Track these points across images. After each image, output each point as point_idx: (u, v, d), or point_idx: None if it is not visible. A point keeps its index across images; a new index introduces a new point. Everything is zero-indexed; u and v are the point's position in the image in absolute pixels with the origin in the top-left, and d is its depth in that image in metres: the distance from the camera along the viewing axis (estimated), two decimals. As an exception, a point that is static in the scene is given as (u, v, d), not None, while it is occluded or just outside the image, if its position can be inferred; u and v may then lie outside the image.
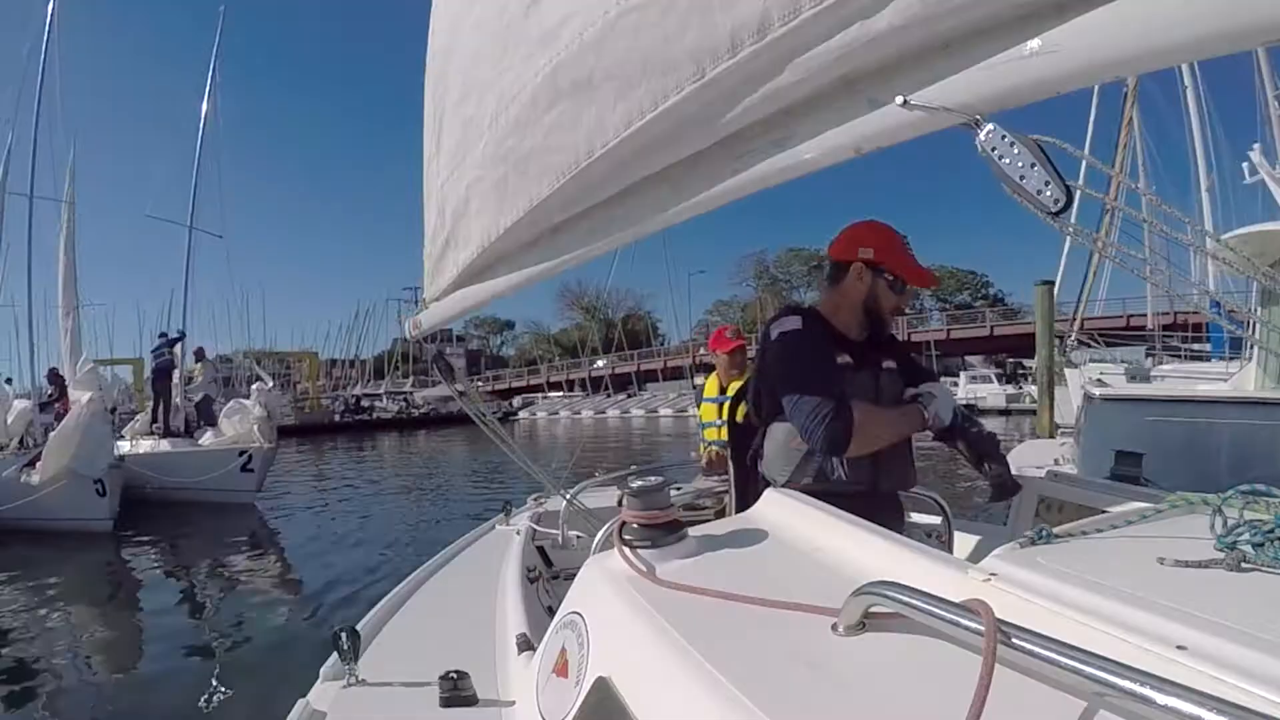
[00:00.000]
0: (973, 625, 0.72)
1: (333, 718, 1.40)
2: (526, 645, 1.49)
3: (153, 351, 14.28)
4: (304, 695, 1.55)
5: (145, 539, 9.44)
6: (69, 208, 13.27)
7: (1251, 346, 8.74)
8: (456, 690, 1.35)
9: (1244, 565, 0.87)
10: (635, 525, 1.20)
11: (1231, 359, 9.12)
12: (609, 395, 49.29)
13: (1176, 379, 9.31)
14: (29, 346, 13.13)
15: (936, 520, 2.26)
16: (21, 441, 11.80)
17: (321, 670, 1.64)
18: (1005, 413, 29.37)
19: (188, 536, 9.77)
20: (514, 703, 1.34)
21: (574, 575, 1.30)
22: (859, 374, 1.78)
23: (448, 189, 1.86)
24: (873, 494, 1.73)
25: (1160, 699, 0.57)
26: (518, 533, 2.88)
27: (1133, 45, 0.84)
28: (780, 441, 1.78)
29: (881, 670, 0.79)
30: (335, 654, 1.51)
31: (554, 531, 2.90)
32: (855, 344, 1.82)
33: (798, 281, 61.97)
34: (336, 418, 38.06)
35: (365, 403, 41.38)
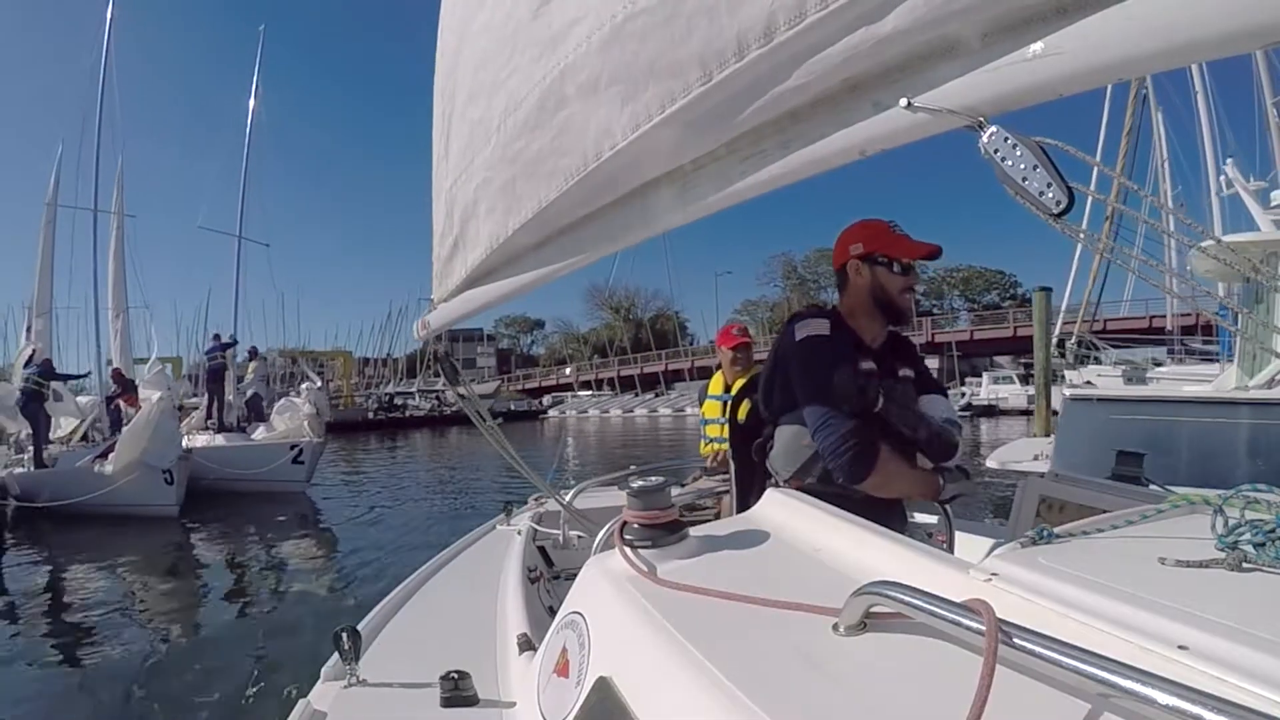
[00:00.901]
0: (974, 625, 0.72)
1: (333, 718, 1.40)
2: (527, 645, 1.49)
3: (206, 354, 15.55)
4: (305, 695, 1.55)
5: (206, 524, 10.32)
6: (118, 218, 15.48)
7: (1232, 349, 9.25)
8: (457, 690, 1.35)
9: (1245, 565, 0.87)
10: (636, 525, 1.20)
11: (1230, 359, 9.28)
12: (637, 395, 50.02)
13: (1169, 381, 9.39)
14: (95, 348, 14.54)
15: (937, 520, 2.26)
16: (85, 435, 13.03)
17: (322, 670, 1.63)
18: (1026, 413, 29.55)
19: (244, 522, 10.59)
20: (515, 703, 1.34)
21: (575, 575, 1.30)
22: (881, 383, 1.78)
23: (456, 190, 1.87)
24: (877, 498, 1.73)
25: (1162, 699, 0.57)
26: (519, 533, 2.88)
27: (1135, 47, 0.84)
28: (790, 439, 1.78)
29: (882, 670, 0.79)
30: (336, 654, 1.51)
31: (555, 531, 2.91)
32: (877, 351, 1.83)
33: (825, 282, 61.84)
34: (370, 415, 38.70)
35: (398, 400, 41.98)
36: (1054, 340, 11.87)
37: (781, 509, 1.35)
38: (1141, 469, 2.30)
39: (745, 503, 1.73)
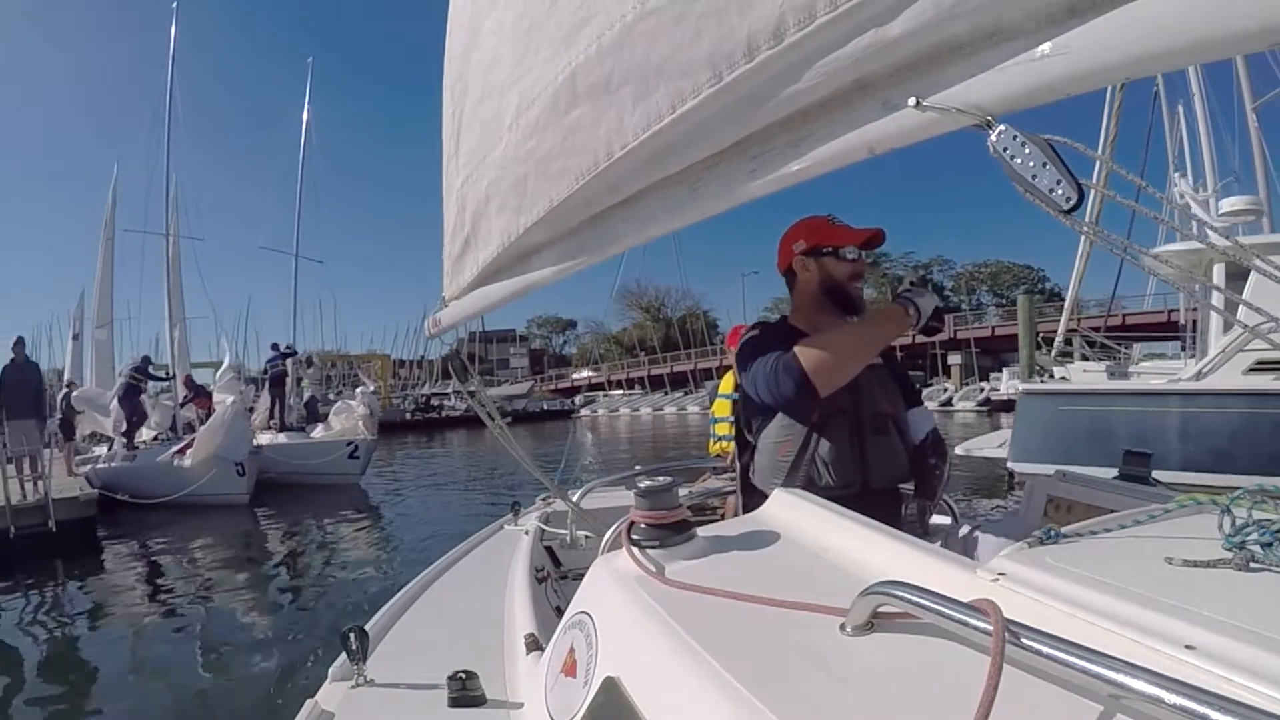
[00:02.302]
0: (981, 625, 0.72)
1: (341, 718, 1.40)
2: (535, 645, 1.49)
3: (268, 362, 17.02)
4: (312, 695, 1.55)
5: (273, 511, 11.74)
6: (174, 240, 17.86)
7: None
8: (465, 690, 1.36)
9: (1252, 565, 0.87)
10: (643, 525, 1.20)
11: (1191, 355, 10.30)
12: (666, 393, 50.38)
13: (1149, 375, 9.97)
14: (171, 358, 16.20)
15: (945, 520, 2.26)
16: (156, 435, 14.71)
17: (330, 670, 1.64)
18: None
19: (306, 509, 11.88)
20: (522, 703, 1.35)
21: (582, 575, 1.30)
22: None
23: (467, 189, 1.88)
24: (864, 494, 1.71)
25: (1169, 699, 0.57)
26: (526, 533, 2.88)
27: (1143, 47, 0.84)
28: (768, 452, 1.77)
29: (889, 670, 0.79)
30: (344, 654, 1.52)
31: (562, 532, 2.91)
32: None
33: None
34: (408, 416, 39.08)
35: (435, 401, 42.40)
36: (1060, 338, 12.04)
37: (789, 509, 1.35)
38: (1148, 469, 2.30)
39: (751, 503, 1.73)
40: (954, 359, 40.91)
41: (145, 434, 14.65)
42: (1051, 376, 10.95)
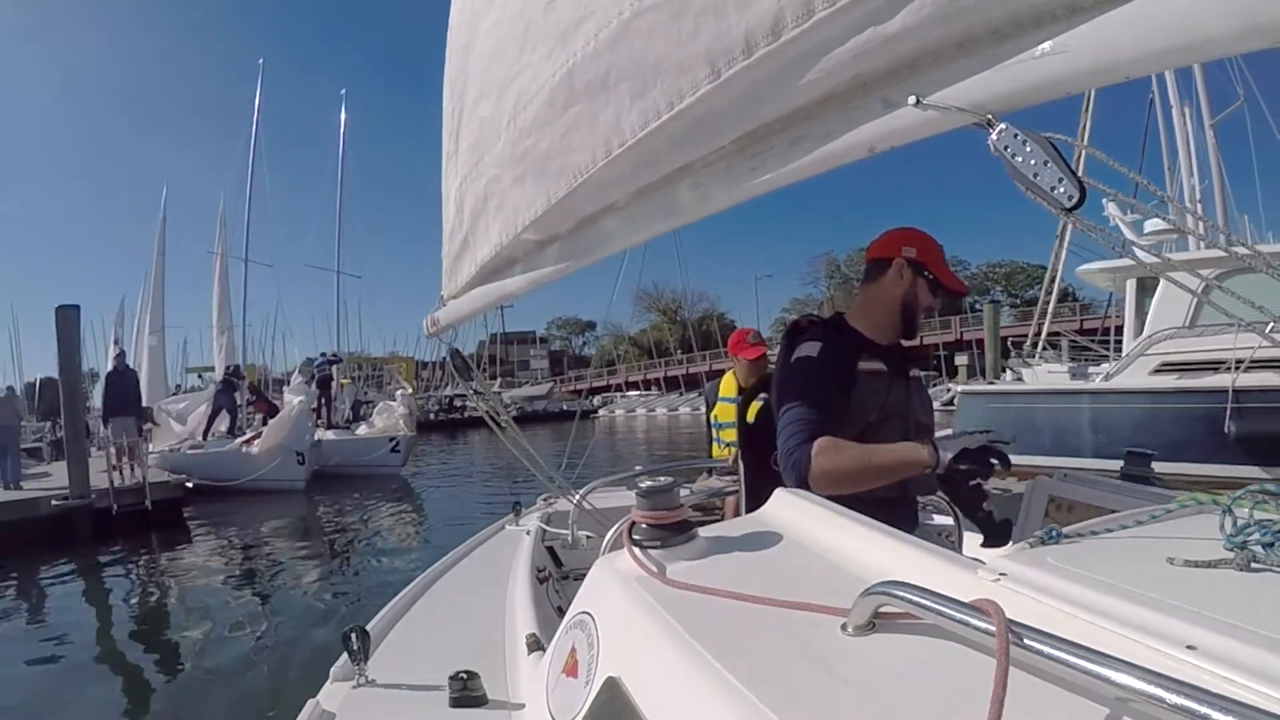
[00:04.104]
0: (982, 625, 0.72)
1: (342, 718, 1.40)
2: (536, 645, 1.49)
3: (317, 367, 19.84)
4: (314, 695, 1.55)
5: (325, 496, 13.80)
6: (221, 258, 21.80)
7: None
8: (466, 690, 1.36)
9: (1254, 565, 0.87)
10: (645, 525, 1.20)
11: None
12: (681, 394, 50.94)
13: (1095, 376, 11.09)
14: (216, 361, 19.87)
15: (947, 521, 2.26)
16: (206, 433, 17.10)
17: (331, 670, 1.64)
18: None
19: (354, 494, 14.04)
20: (524, 703, 1.34)
21: (584, 575, 1.30)
22: (893, 381, 1.76)
23: (466, 187, 1.87)
24: (900, 500, 1.72)
25: (1170, 699, 0.57)
26: (527, 533, 2.88)
27: (1144, 46, 0.84)
28: None
29: (891, 670, 0.79)
30: (345, 654, 1.52)
31: (564, 532, 2.91)
32: (886, 349, 1.80)
33: (872, 280, 61.71)
34: (431, 416, 39.93)
35: (457, 403, 43.12)
36: (1029, 342, 13.83)
37: (791, 509, 1.34)
38: (1150, 469, 2.31)
39: (755, 504, 1.73)
40: (960, 359, 41.06)
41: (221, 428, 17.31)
42: (1019, 378, 12.30)
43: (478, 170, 1.81)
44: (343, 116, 25.91)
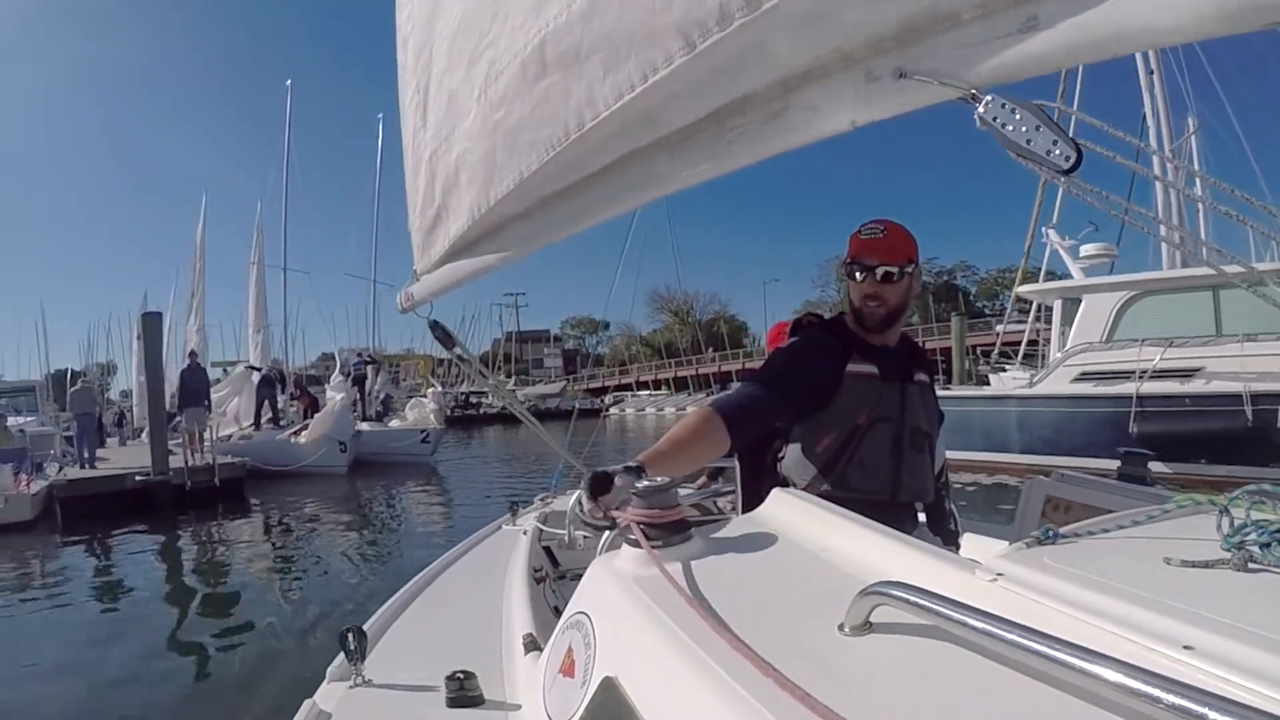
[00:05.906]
0: (979, 625, 0.72)
1: (339, 718, 1.40)
2: (533, 645, 1.49)
3: (353, 365, 22.05)
4: (310, 695, 1.55)
5: (364, 481, 15.85)
6: (258, 266, 24.38)
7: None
8: (463, 690, 1.35)
9: (1251, 565, 0.87)
10: (642, 525, 1.20)
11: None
12: (690, 394, 51.12)
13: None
14: (251, 356, 22.12)
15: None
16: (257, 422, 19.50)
17: (328, 670, 1.63)
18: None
19: (389, 478, 15.99)
20: (520, 704, 1.34)
21: (580, 575, 1.30)
22: (886, 385, 1.73)
23: (436, 161, 1.83)
24: (890, 504, 1.71)
25: (1167, 699, 0.57)
26: (524, 533, 2.88)
27: (1127, 23, 0.84)
28: (807, 442, 1.76)
29: (888, 671, 0.79)
30: (341, 654, 1.52)
31: (560, 531, 2.90)
32: (882, 352, 1.77)
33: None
34: (448, 413, 39.62)
35: (473, 400, 43.96)
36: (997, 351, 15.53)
37: (788, 509, 1.34)
38: (1147, 469, 2.31)
39: (751, 504, 1.72)
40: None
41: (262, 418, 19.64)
42: (987, 383, 14.09)
43: (448, 144, 1.77)
44: (380, 140, 27.10)
